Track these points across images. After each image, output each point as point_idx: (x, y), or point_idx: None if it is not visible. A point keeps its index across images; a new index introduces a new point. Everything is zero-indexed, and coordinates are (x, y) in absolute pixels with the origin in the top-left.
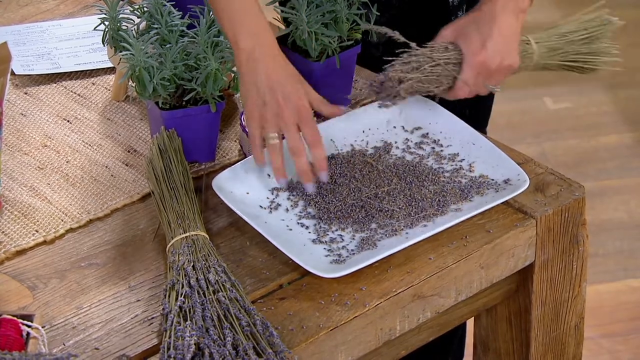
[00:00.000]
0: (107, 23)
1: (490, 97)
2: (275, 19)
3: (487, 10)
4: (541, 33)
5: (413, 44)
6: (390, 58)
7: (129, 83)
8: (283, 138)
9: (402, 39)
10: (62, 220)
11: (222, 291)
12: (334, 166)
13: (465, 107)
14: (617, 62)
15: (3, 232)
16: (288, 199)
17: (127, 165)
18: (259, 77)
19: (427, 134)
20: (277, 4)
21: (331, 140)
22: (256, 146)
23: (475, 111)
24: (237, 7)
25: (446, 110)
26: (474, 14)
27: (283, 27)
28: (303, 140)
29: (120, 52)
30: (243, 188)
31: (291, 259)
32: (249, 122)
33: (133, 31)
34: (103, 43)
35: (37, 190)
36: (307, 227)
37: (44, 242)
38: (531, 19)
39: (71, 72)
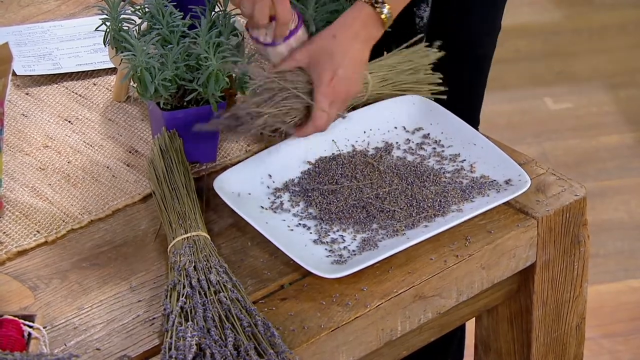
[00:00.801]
0: (108, 24)
1: (481, 86)
2: None
3: (340, 38)
4: (373, 65)
5: (265, 74)
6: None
7: (130, 84)
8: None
9: (254, 71)
10: (64, 221)
11: (223, 292)
12: (335, 167)
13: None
14: (442, 90)
15: (4, 232)
16: (289, 199)
17: (128, 165)
18: None
19: (428, 134)
20: None
21: (332, 140)
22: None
23: (468, 103)
24: None
25: (447, 111)
26: (327, 42)
27: None
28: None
29: (122, 52)
30: (244, 188)
31: (292, 260)
32: None
33: (134, 32)
34: (104, 44)
35: (38, 191)
36: (308, 228)
37: (45, 243)
38: (532, 20)
39: (72, 73)
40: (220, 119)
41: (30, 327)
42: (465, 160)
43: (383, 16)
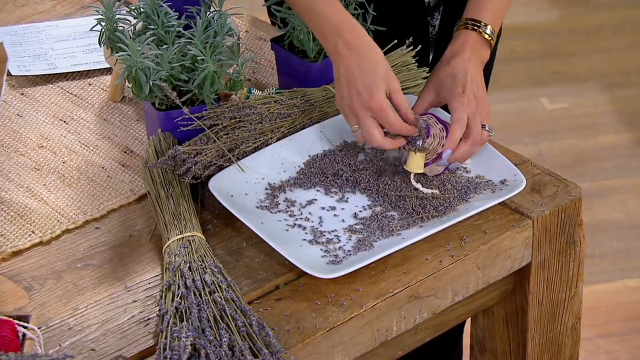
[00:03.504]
0: (103, 24)
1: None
2: (272, 20)
3: (455, 63)
4: None
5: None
6: None
7: (126, 84)
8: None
9: (177, 101)
10: (59, 221)
11: (218, 292)
12: (330, 166)
13: None
14: None
15: None
16: (285, 199)
17: (123, 166)
18: (341, 70)
19: None
20: (274, 4)
21: (328, 141)
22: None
23: None
24: (320, 6)
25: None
26: (444, 69)
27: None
28: (378, 130)
29: (117, 52)
30: (240, 189)
31: (287, 260)
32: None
33: (129, 32)
34: (99, 44)
35: (33, 191)
36: (303, 228)
37: (40, 243)
38: (529, 20)
39: (67, 73)
40: (160, 161)
41: (25, 327)
42: None
43: (487, 37)
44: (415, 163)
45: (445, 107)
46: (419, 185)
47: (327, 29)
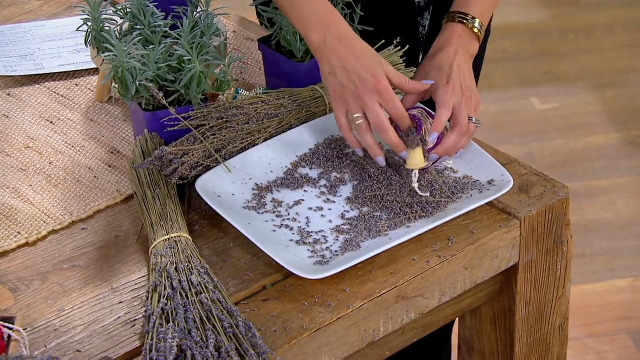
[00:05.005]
0: (89, 24)
1: None
2: (260, 20)
3: (441, 56)
4: None
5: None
6: None
7: (112, 84)
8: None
9: (164, 102)
10: (45, 222)
11: (204, 293)
12: (318, 166)
13: None
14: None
15: None
16: (272, 200)
17: (110, 166)
18: (333, 62)
19: None
20: (261, 4)
21: (317, 142)
22: (345, 130)
23: None
24: (307, 2)
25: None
26: (430, 62)
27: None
28: (385, 115)
29: (103, 53)
30: (227, 189)
31: (275, 261)
32: (334, 108)
33: (116, 32)
34: (86, 44)
35: (19, 192)
36: (291, 229)
37: (26, 244)
38: (519, 20)
39: (54, 73)
40: (146, 162)
41: (11, 329)
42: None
43: (476, 30)
44: (416, 159)
45: (432, 104)
46: (415, 185)
47: (315, 24)
